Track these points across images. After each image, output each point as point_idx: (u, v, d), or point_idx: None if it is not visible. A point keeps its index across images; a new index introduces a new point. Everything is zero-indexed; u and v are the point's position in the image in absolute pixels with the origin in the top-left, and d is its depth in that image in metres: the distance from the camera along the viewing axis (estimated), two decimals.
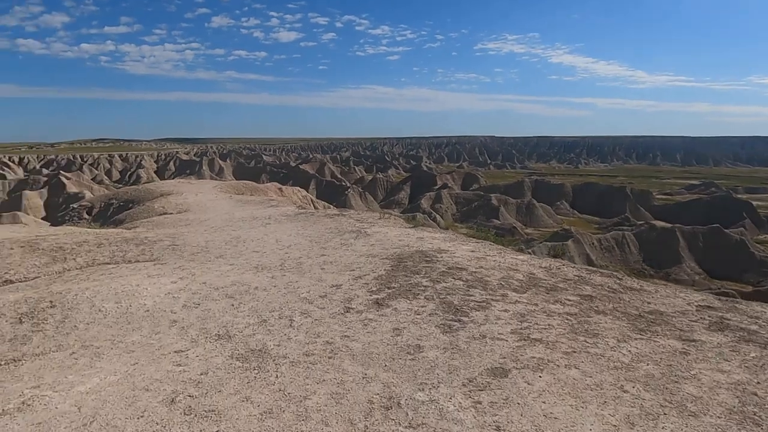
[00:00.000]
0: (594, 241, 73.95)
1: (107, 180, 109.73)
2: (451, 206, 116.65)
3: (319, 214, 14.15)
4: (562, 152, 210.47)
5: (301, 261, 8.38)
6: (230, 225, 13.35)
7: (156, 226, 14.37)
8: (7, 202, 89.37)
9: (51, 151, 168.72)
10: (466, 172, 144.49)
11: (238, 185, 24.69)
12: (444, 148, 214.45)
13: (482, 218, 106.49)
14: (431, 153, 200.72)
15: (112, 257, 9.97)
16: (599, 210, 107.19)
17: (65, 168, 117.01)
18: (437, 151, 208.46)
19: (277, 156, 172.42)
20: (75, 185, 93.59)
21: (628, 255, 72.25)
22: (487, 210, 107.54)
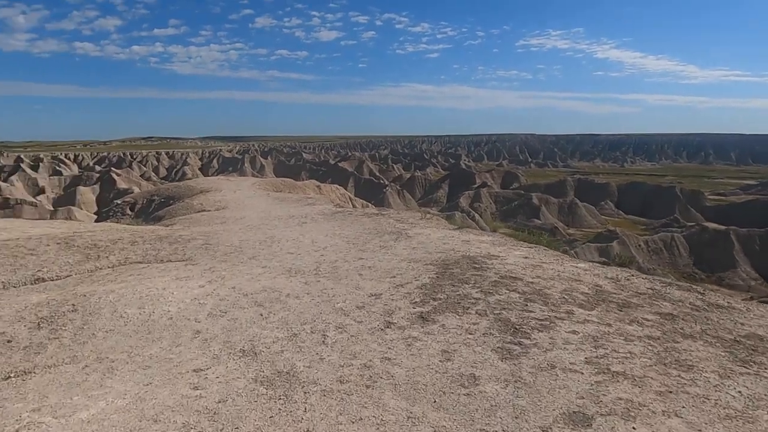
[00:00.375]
0: (640, 242, 70.78)
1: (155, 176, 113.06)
2: (491, 205, 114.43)
3: (357, 213, 13.50)
4: (606, 150, 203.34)
5: (337, 265, 7.72)
6: (266, 224, 12.87)
7: (192, 224, 14.08)
8: (63, 197, 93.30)
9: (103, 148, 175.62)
10: (506, 171, 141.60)
11: (277, 182, 24.40)
12: (483, 146, 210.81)
13: (522, 218, 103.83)
14: (470, 151, 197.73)
15: (144, 256, 9.60)
16: (646, 210, 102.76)
17: (116, 165, 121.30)
18: (476, 149, 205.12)
19: (317, 154, 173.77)
20: (124, 181, 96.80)
21: (677, 258, 68.81)
22: (528, 209, 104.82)
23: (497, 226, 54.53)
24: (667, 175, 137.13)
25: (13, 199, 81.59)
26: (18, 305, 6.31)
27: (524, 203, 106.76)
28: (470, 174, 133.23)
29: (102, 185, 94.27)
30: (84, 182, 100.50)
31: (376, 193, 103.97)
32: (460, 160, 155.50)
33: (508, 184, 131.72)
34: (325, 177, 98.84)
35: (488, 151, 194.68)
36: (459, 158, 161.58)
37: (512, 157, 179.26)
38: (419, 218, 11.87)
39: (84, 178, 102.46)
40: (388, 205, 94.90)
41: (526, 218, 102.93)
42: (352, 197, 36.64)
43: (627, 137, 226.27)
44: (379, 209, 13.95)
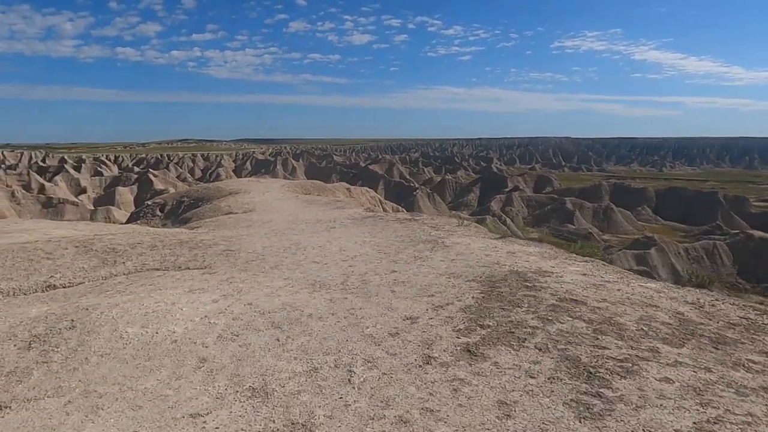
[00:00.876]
0: (680, 250, 67.66)
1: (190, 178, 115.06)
2: (523, 209, 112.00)
3: (388, 218, 12.61)
4: (644, 154, 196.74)
5: (366, 278, 6.83)
6: (292, 228, 12.12)
7: (217, 227, 13.46)
8: (103, 196, 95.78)
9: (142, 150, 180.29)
10: (538, 174, 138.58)
11: (306, 185, 23.76)
12: (515, 150, 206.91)
13: (555, 222, 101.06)
14: (502, 154, 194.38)
15: (162, 262, 8.94)
16: (686, 217, 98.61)
17: (153, 166, 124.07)
18: (508, 152, 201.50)
19: (347, 156, 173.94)
20: (161, 182, 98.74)
21: (719, 267, 65.47)
22: (561, 214, 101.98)
23: (521, 228, 52.51)
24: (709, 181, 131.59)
25: (56, 199, 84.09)
26: (14, 319, 5.66)
27: (557, 208, 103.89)
28: (502, 177, 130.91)
29: (140, 186, 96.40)
30: (123, 183, 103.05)
31: (407, 196, 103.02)
32: (491, 164, 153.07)
33: (541, 188, 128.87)
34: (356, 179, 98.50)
35: (520, 155, 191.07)
36: (490, 161, 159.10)
37: (545, 161, 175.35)
38: (456, 225, 10.88)
39: (123, 179, 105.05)
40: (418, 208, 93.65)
41: (560, 223, 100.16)
42: (382, 200, 35.80)
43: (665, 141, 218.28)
44: (412, 214, 13.04)
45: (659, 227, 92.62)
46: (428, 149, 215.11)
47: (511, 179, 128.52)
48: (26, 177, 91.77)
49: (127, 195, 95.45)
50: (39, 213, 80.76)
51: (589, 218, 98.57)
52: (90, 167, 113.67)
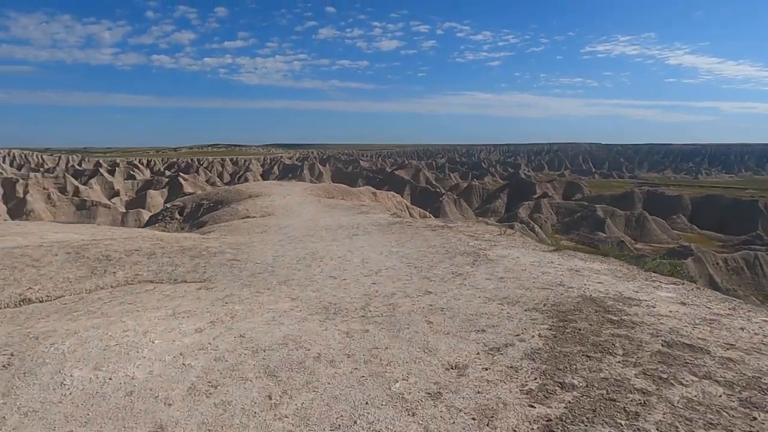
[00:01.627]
0: (719, 260, 64.08)
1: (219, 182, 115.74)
2: (551, 216, 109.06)
3: (418, 224, 11.11)
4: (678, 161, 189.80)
5: (394, 301, 5.35)
6: (311, 235, 10.74)
7: (230, 232, 12.20)
8: (135, 199, 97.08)
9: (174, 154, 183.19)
10: (567, 181, 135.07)
11: (329, 188, 22.45)
12: (544, 156, 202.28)
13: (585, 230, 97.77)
14: (530, 160, 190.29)
15: (157, 273, 7.65)
16: (724, 226, 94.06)
17: (184, 170, 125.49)
18: (536, 158, 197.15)
19: (374, 161, 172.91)
20: (191, 186, 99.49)
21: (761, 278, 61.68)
22: (592, 222, 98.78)
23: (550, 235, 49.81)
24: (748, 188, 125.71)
25: (90, 201, 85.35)
26: None
27: (588, 215, 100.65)
28: (530, 184, 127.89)
29: (170, 189, 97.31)
30: (154, 186, 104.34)
31: (433, 201, 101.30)
32: (519, 170, 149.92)
33: (571, 194, 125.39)
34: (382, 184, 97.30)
35: (549, 161, 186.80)
36: (518, 167, 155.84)
37: (575, 167, 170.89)
38: (497, 234, 9.29)
39: (154, 183, 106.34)
40: (444, 214, 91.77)
41: (590, 231, 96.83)
42: (408, 205, 34.29)
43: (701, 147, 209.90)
44: (445, 221, 11.51)
45: (695, 236, 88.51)
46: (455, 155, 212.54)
47: (540, 185, 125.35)
48: (62, 180, 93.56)
49: (157, 198, 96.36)
50: (73, 215, 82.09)
51: (621, 226, 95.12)
52: (123, 171, 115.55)
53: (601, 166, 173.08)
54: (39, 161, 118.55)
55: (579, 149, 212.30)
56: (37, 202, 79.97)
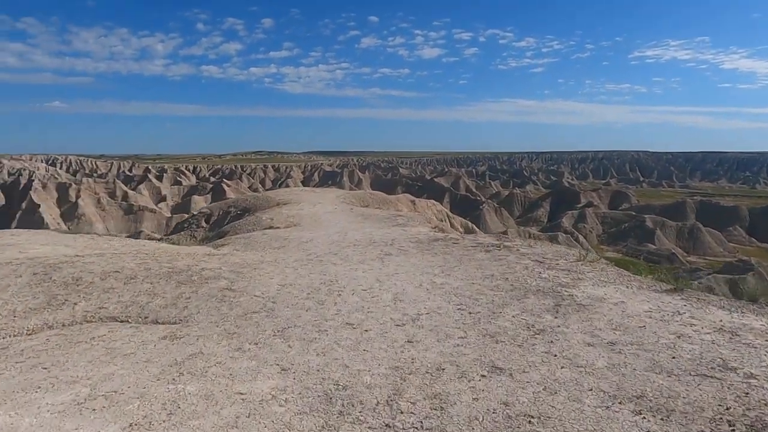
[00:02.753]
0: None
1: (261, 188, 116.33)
2: (597, 226, 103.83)
3: (466, 242, 8.84)
4: (734, 170, 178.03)
5: (442, 389, 3.16)
6: (334, 253, 8.67)
7: (244, 246, 10.29)
8: (180, 204, 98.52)
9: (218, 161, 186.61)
10: (614, 190, 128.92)
11: (365, 196, 20.42)
12: (588, 164, 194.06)
13: (633, 242, 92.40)
14: (574, 168, 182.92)
15: (126, 307, 5.75)
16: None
17: (228, 177, 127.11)
18: (581, 166, 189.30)
19: (413, 169, 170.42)
20: (233, 192, 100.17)
21: None
22: (640, 232, 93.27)
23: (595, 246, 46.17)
24: None
25: (137, 206, 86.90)
26: None
27: (636, 226, 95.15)
28: (574, 192, 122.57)
29: (213, 195, 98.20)
30: (199, 192, 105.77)
31: (473, 210, 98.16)
32: (562, 178, 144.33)
33: (617, 204, 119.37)
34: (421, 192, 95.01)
35: (594, 169, 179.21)
36: (561, 176, 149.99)
37: (621, 176, 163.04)
38: (575, 260, 6.91)
39: (199, 188, 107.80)
40: (485, 222, 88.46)
41: (638, 242, 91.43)
42: (450, 215, 31.91)
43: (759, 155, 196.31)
44: (499, 238, 9.20)
45: (754, 249, 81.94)
46: (496, 163, 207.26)
47: (584, 194, 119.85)
48: (112, 185, 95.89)
49: (201, 203, 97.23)
50: (121, 219, 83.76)
51: (672, 238, 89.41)
52: (171, 177, 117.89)
53: (650, 175, 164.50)
54: (93, 167, 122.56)
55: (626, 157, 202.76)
56: (88, 206, 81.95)
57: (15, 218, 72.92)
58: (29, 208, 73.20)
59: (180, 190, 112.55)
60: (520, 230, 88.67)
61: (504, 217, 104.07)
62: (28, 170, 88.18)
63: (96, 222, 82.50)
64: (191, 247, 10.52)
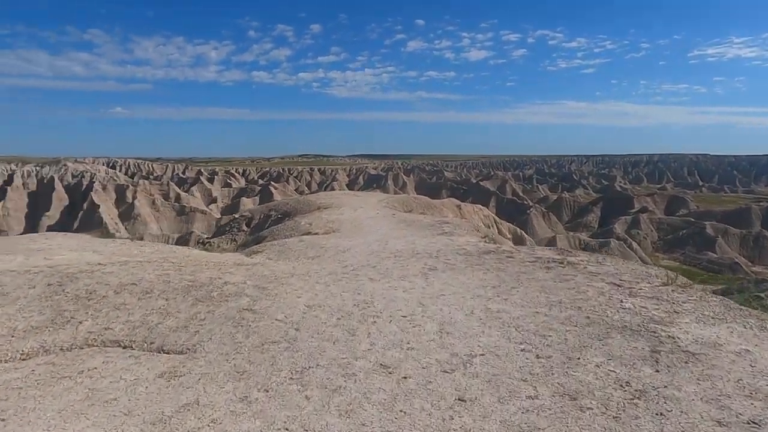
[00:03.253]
0: None
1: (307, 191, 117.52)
2: (652, 233, 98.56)
3: (522, 256, 7.69)
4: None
5: None
6: (372, 265, 7.73)
7: (278, 255, 9.53)
8: (230, 206, 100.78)
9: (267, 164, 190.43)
10: (670, 195, 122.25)
11: (408, 200, 19.42)
12: (642, 167, 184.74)
13: (692, 249, 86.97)
14: (626, 172, 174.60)
15: (132, 329, 5.02)
16: None
17: (275, 179, 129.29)
18: (634, 170, 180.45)
19: (458, 172, 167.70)
20: (280, 194, 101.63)
21: None
22: (700, 240, 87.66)
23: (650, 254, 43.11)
24: None
25: (189, 207, 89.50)
26: None
27: (695, 233, 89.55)
28: (627, 197, 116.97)
29: (261, 197, 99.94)
30: (247, 194, 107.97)
31: (519, 214, 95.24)
32: (614, 182, 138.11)
33: (674, 210, 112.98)
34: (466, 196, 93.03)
35: (648, 173, 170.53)
36: (613, 180, 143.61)
37: (678, 180, 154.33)
38: (660, 284, 5.64)
39: (248, 191, 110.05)
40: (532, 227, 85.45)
41: (697, 250, 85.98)
42: (497, 220, 30.43)
43: None
44: (561, 252, 7.96)
45: None
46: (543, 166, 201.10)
47: (638, 199, 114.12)
48: (166, 187, 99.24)
49: (249, 205, 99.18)
50: (174, 220, 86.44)
51: (735, 246, 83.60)
52: (221, 179, 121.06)
53: (710, 179, 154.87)
54: (149, 169, 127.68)
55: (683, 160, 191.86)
56: (143, 207, 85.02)
57: (77, 218, 76.62)
58: (90, 208, 76.62)
59: (230, 192, 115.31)
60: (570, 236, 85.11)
61: (552, 222, 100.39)
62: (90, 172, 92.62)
63: (150, 222, 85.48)
64: (223, 255, 9.86)
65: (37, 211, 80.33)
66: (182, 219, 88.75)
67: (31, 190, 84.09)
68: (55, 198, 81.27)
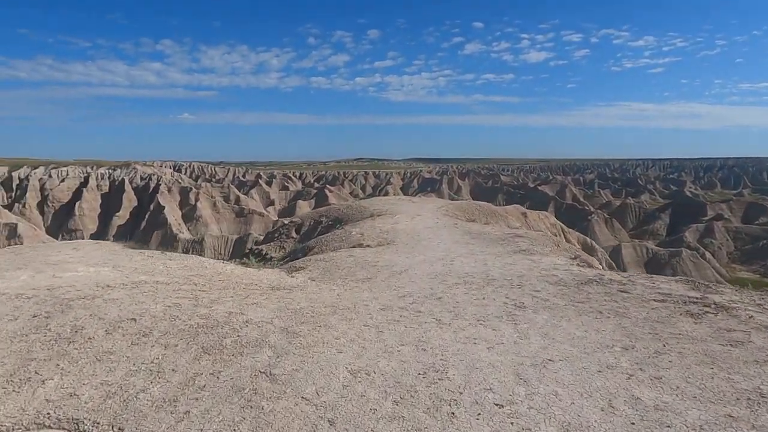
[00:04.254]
0: None
1: (362, 194, 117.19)
2: (727, 242, 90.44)
3: (640, 290, 5.58)
4: None
5: None
6: (438, 297, 5.90)
7: (321, 275, 7.89)
8: (286, 208, 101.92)
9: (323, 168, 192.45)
10: (749, 202, 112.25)
11: (470, 207, 17.38)
12: (716, 172, 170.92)
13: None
14: (698, 177, 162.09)
15: (104, 399, 3.48)
16: None
17: (331, 182, 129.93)
18: (706, 175, 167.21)
19: (515, 176, 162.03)
20: (335, 197, 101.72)
21: None
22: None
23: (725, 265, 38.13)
24: None
25: (247, 209, 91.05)
26: None
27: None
28: (699, 204, 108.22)
29: (317, 200, 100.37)
30: (303, 197, 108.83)
31: (580, 220, 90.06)
32: (684, 187, 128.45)
33: (752, 218, 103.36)
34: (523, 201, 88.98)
35: (723, 178, 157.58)
36: (683, 185, 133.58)
37: (757, 185, 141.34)
38: None
39: (304, 194, 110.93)
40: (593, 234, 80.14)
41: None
42: (565, 229, 27.65)
43: None
44: (697, 287, 5.75)
45: None
46: (606, 170, 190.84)
47: (712, 206, 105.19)
48: (227, 190, 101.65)
49: (305, 208, 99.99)
50: (233, 221, 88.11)
51: None
52: (279, 182, 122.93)
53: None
54: (212, 173, 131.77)
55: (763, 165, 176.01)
56: (205, 209, 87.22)
57: (144, 218, 79.62)
58: (156, 209, 79.37)
59: (287, 195, 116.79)
60: (635, 244, 79.26)
61: (615, 229, 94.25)
62: (156, 175, 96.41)
63: (211, 223, 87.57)
64: (260, 271, 8.33)
65: (109, 211, 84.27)
66: (241, 221, 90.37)
67: (104, 192, 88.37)
68: (125, 199, 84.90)
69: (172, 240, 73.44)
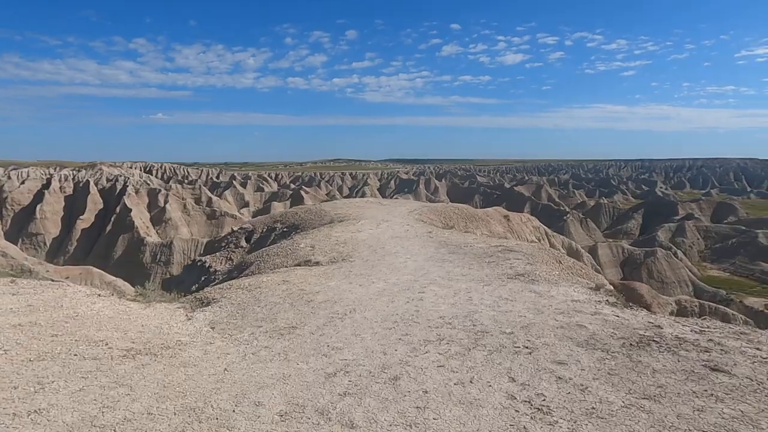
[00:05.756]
0: None
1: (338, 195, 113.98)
2: (698, 241, 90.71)
3: (752, 368, 3.07)
4: None
5: None
6: (390, 380, 3.28)
7: (228, 318, 5.19)
8: (261, 210, 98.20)
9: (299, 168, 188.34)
10: (717, 201, 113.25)
11: (447, 211, 14.79)
12: (685, 172, 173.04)
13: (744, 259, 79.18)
14: (668, 177, 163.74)
15: None
16: None
17: (307, 184, 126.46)
18: (676, 175, 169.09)
19: (491, 177, 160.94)
20: (311, 198, 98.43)
21: None
22: (752, 249, 79.83)
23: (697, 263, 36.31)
24: None
25: (219, 211, 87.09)
26: None
27: (747, 241, 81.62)
28: (671, 204, 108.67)
29: (292, 201, 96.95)
30: (279, 198, 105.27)
31: (556, 220, 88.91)
32: (655, 187, 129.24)
33: (721, 217, 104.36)
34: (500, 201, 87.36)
35: (691, 178, 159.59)
36: (654, 185, 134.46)
37: (724, 186, 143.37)
38: None
39: (279, 195, 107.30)
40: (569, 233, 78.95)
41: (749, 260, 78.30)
42: (549, 232, 25.48)
43: None
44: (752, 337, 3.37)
45: None
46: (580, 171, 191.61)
47: (683, 206, 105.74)
48: (198, 191, 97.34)
49: (280, 209, 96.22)
50: (204, 224, 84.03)
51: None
52: (254, 184, 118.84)
53: (759, 185, 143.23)
54: (185, 174, 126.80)
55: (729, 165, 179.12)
56: (175, 211, 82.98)
57: (110, 221, 75.11)
58: (122, 212, 74.95)
59: (262, 196, 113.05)
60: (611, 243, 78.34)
61: (590, 229, 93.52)
62: (123, 177, 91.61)
63: (181, 226, 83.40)
64: (145, 310, 5.57)
65: (72, 214, 79.43)
66: (213, 223, 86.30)
67: (67, 194, 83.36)
68: (90, 202, 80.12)
69: (139, 244, 69.25)
